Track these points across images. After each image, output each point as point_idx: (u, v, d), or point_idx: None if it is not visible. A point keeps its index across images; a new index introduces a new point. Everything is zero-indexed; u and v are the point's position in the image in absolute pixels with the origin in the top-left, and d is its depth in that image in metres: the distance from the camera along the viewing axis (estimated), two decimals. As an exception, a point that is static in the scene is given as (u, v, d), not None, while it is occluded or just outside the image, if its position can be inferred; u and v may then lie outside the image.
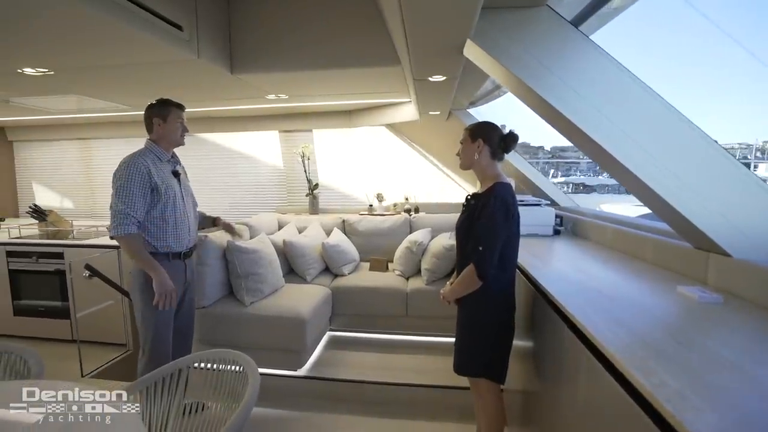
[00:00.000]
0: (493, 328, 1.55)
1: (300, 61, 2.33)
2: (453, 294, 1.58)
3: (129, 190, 1.69)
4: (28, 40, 1.80)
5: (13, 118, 4.10)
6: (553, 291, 1.33)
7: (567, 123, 1.46)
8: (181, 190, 1.91)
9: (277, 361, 2.34)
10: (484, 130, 1.54)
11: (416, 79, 1.93)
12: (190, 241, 1.95)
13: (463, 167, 1.60)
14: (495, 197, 1.44)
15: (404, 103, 3.49)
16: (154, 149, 1.85)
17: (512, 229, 1.47)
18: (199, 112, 3.75)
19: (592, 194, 7.88)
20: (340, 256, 3.07)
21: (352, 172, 4.17)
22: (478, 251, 1.43)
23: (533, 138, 4.15)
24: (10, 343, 1.48)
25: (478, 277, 1.43)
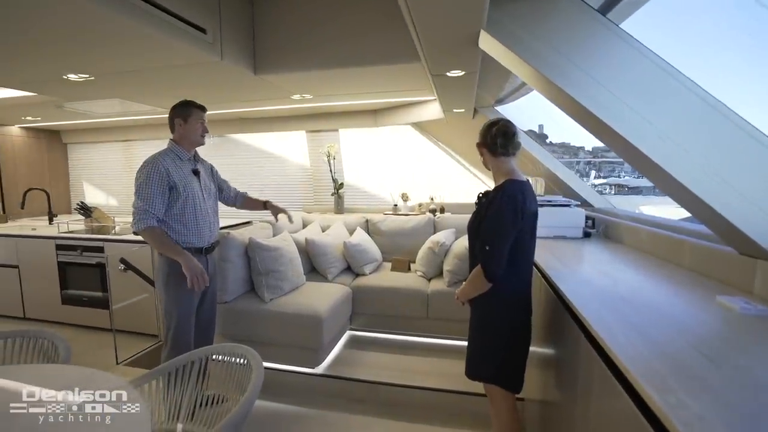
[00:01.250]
0: (504, 331, 1.48)
1: (321, 60, 2.34)
2: (464, 294, 1.54)
3: (148, 189, 1.79)
4: (70, 49, 1.93)
5: (66, 122, 4.43)
6: (570, 295, 1.24)
7: (594, 120, 1.35)
8: (201, 188, 1.97)
9: (295, 358, 2.37)
10: (481, 134, 1.54)
11: (434, 75, 1.88)
12: (211, 236, 2.01)
13: (486, 167, 1.61)
14: (503, 194, 1.39)
15: (429, 101, 3.43)
16: (175, 149, 1.93)
17: (523, 227, 1.41)
18: (230, 114, 3.88)
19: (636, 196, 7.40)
20: (362, 255, 3.06)
21: (378, 171, 4.16)
22: (485, 251, 1.39)
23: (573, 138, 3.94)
24: (45, 329, 1.58)
25: (486, 278, 1.39)
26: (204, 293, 2.03)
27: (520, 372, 1.51)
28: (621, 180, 8.48)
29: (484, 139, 1.52)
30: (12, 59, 2.08)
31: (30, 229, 3.69)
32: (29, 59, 2.09)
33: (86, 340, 3.14)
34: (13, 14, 1.56)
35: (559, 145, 5.45)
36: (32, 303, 3.56)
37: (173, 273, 1.86)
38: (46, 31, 1.71)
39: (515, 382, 1.50)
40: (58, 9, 1.48)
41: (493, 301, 1.47)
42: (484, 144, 1.51)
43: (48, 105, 3.41)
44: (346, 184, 4.09)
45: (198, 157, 2.06)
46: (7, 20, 1.62)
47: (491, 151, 1.50)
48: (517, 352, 1.50)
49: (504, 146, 1.48)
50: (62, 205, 4.94)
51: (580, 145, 8.04)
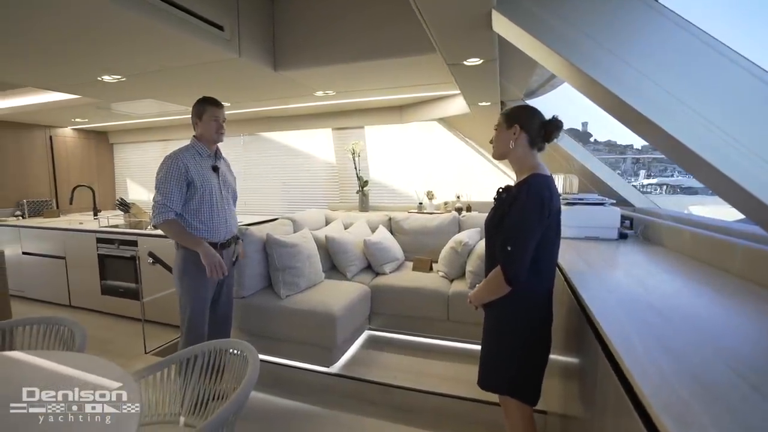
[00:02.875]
0: (522, 340, 1.35)
1: (341, 55, 2.31)
2: (478, 298, 1.41)
3: (167, 184, 1.84)
4: (101, 50, 2.02)
5: (112, 123, 4.71)
6: (591, 302, 1.11)
7: (627, 109, 1.20)
8: (219, 184, 2.00)
9: (310, 356, 2.34)
10: (521, 115, 1.35)
11: (450, 64, 1.78)
12: (227, 232, 2.03)
13: (497, 157, 1.42)
14: (529, 190, 1.26)
15: (455, 95, 3.30)
16: (196, 146, 1.97)
17: (549, 226, 1.28)
18: (258, 112, 3.95)
19: (688, 196, 6.77)
20: (382, 253, 2.99)
21: (404, 169, 4.08)
22: (506, 251, 1.26)
23: (620, 135, 3.63)
24: (66, 317, 1.64)
25: (506, 282, 1.26)
26: (220, 288, 2.06)
27: (537, 384, 1.38)
28: (673, 180, 7.83)
29: (527, 124, 1.33)
30: (48, 62, 2.20)
31: (78, 223, 3.95)
32: (64, 62, 2.20)
33: (120, 328, 3.30)
34: (46, 19, 1.65)
35: (605, 143, 5.10)
36: (77, 292, 3.81)
37: (189, 265, 1.91)
38: (77, 33, 1.79)
39: (532, 394, 1.37)
40: (85, 12, 1.55)
41: (511, 306, 1.34)
42: (527, 130, 1.33)
43: (92, 107, 3.62)
44: (371, 181, 4.05)
45: (219, 154, 2.08)
46: (42, 25, 1.72)
47: (531, 140, 1.33)
48: (534, 362, 1.37)
49: (547, 139, 1.35)
50: (108, 201, 5.26)
51: (628, 143, 7.49)
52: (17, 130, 4.50)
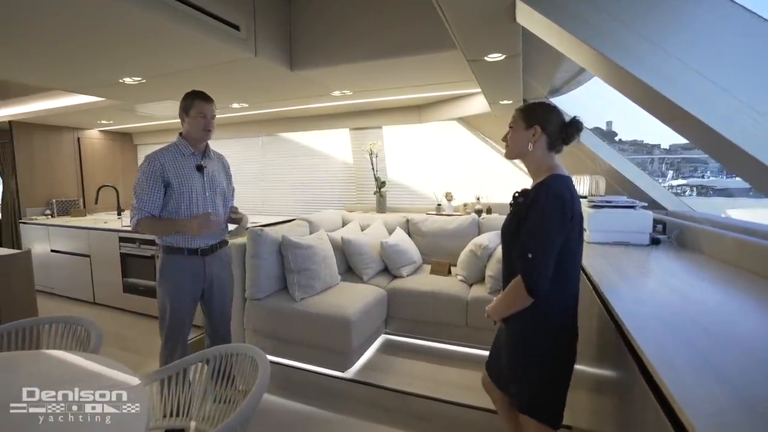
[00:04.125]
0: (545, 357, 1.25)
1: (358, 53, 2.27)
2: (497, 312, 1.30)
3: (141, 187, 1.77)
4: (121, 53, 2.03)
5: (135, 125, 4.82)
6: (624, 315, 1.01)
7: (665, 103, 1.09)
8: (204, 185, 1.88)
9: (324, 360, 2.30)
10: (542, 115, 1.26)
11: (470, 60, 1.70)
12: (211, 236, 1.89)
13: (511, 157, 1.33)
14: (548, 192, 1.17)
15: (475, 94, 3.21)
16: (179, 144, 1.87)
17: (571, 231, 1.19)
18: (276, 113, 3.96)
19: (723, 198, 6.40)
20: (399, 256, 2.93)
21: (422, 169, 4.00)
22: (526, 259, 1.16)
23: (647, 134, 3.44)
24: (83, 317, 1.65)
25: (528, 292, 1.16)
26: (211, 303, 1.95)
27: (560, 404, 1.27)
28: (705, 181, 7.43)
29: (548, 126, 1.24)
30: (70, 65, 2.24)
31: (102, 223, 4.05)
32: (86, 65, 2.23)
33: (141, 326, 3.35)
34: (69, 22, 1.66)
35: (630, 143, 4.92)
36: (100, 289, 3.90)
37: (168, 268, 1.83)
38: (97, 35, 1.80)
39: (554, 416, 1.26)
40: (105, 13, 1.56)
41: (533, 319, 1.23)
42: (547, 132, 1.24)
43: (116, 109, 3.70)
44: (389, 182, 3.99)
45: (209, 152, 1.96)
46: (65, 28, 1.74)
47: (551, 143, 1.25)
48: (557, 381, 1.26)
49: (567, 142, 1.27)
50: (131, 200, 5.39)
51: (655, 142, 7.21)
52: (48, 132, 4.66)
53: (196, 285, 1.87)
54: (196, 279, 1.87)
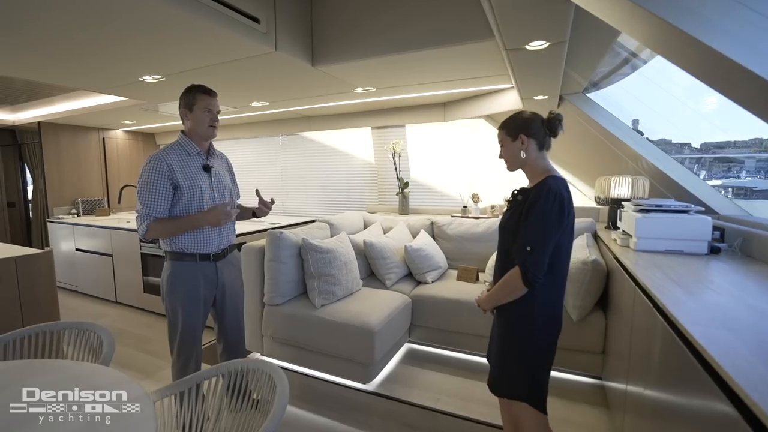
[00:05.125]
0: (538, 346, 1.35)
1: (383, 46, 2.14)
2: (491, 301, 1.39)
3: (147, 190, 1.64)
4: (140, 49, 1.97)
5: (157, 125, 4.84)
6: (708, 344, 0.84)
7: (744, 75, 0.91)
8: (211, 186, 1.77)
9: (345, 371, 2.18)
10: (521, 123, 1.37)
11: (509, 49, 1.54)
12: (221, 242, 1.79)
13: (512, 169, 1.44)
14: (548, 191, 1.26)
15: (505, 89, 3.03)
16: (183, 143, 1.74)
17: (565, 230, 1.30)
18: (297, 111, 3.87)
19: (766, 201, 5.94)
20: (424, 261, 2.78)
21: (447, 170, 3.84)
22: (525, 252, 1.25)
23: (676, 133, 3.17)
24: (94, 324, 1.58)
25: (525, 283, 1.26)
26: (223, 311, 1.85)
27: (545, 391, 1.40)
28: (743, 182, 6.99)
29: (531, 129, 1.35)
30: (90, 63, 2.19)
31: (125, 222, 4.06)
32: (107, 62, 2.19)
33: (160, 327, 3.32)
34: (89, 19, 1.62)
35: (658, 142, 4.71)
36: (122, 289, 3.91)
37: (179, 275, 1.70)
38: (116, 31, 1.75)
39: (543, 402, 1.38)
40: (123, 8, 1.49)
41: (525, 311, 1.33)
42: (533, 135, 1.35)
43: (138, 108, 3.69)
44: (412, 182, 3.84)
45: (213, 151, 1.85)
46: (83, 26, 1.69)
47: (539, 143, 1.36)
48: (546, 368, 1.40)
49: (554, 134, 1.38)
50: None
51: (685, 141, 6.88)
52: (74, 132, 4.73)
53: (208, 292, 1.77)
54: (209, 286, 1.77)
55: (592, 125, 2.73)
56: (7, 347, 1.51)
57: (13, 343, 1.53)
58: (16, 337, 1.54)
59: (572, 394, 2.14)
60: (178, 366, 1.75)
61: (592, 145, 2.88)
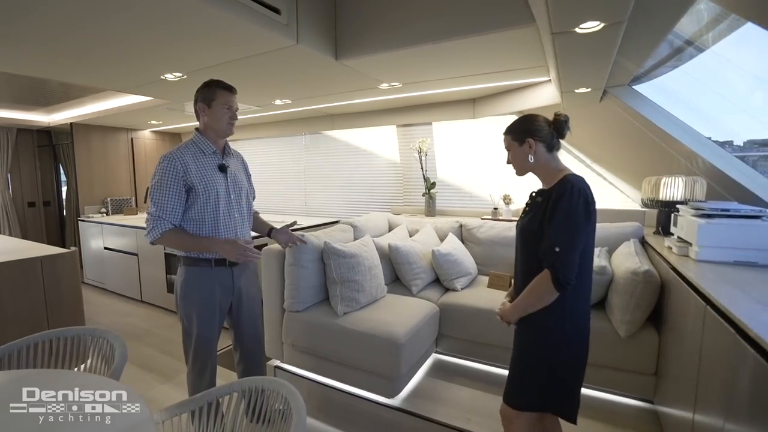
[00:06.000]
0: (566, 356, 1.27)
1: (410, 37, 2.00)
2: (517, 311, 1.30)
3: (161, 191, 1.54)
4: (161, 44, 1.91)
5: (183, 125, 4.86)
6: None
7: None
8: (227, 187, 1.67)
9: (369, 384, 2.04)
10: (527, 127, 1.34)
11: (556, 33, 1.36)
12: None
13: (521, 174, 1.40)
14: (572, 188, 1.20)
15: (540, 83, 2.83)
16: (198, 141, 1.64)
17: (589, 230, 1.24)
18: (319, 110, 3.77)
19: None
20: (453, 267, 2.61)
21: (476, 169, 3.64)
22: (554, 253, 1.18)
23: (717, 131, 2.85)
24: (107, 331, 1.51)
25: (556, 286, 1.19)
26: (240, 318, 1.76)
27: (577, 398, 1.32)
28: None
29: (537, 132, 1.31)
30: (113, 62, 2.15)
31: (150, 222, 4.08)
32: (129, 61, 2.14)
33: (182, 329, 3.29)
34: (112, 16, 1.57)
35: None
36: (147, 288, 3.93)
37: (194, 281, 1.62)
38: (138, 27, 1.69)
39: (571, 409, 1.31)
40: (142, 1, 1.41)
41: (552, 319, 1.25)
42: (540, 137, 1.31)
43: (163, 108, 3.69)
44: (439, 182, 3.67)
45: (228, 150, 1.75)
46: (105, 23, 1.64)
47: (547, 145, 1.32)
48: (577, 379, 1.32)
49: (561, 135, 1.34)
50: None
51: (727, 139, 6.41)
52: (104, 133, 4.82)
53: (224, 299, 1.68)
54: (225, 292, 1.68)
55: (638, 120, 2.49)
56: (21, 353, 1.46)
57: (27, 349, 1.48)
58: (30, 343, 1.48)
59: (619, 418, 1.92)
60: (193, 375, 1.67)
61: (637, 142, 2.63)
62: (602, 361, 1.99)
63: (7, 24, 1.63)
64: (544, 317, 1.26)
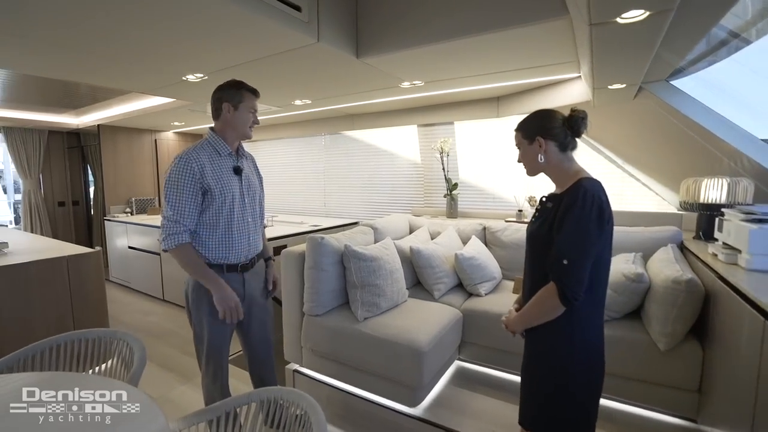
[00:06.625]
0: (579, 377, 1.17)
1: (435, 33, 1.92)
2: (521, 322, 1.24)
3: (179, 194, 1.47)
4: (182, 45, 1.91)
5: (206, 126, 4.91)
6: None
7: None
8: (242, 190, 1.61)
9: (391, 392, 1.98)
10: (538, 124, 1.25)
11: (594, 24, 1.26)
12: (250, 250, 1.65)
13: (531, 174, 1.31)
14: (584, 194, 1.10)
15: (568, 80, 2.70)
16: (214, 141, 1.57)
17: (605, 239, 1.14)
18: (339, 110, 3.73)
19: None
20: (476, 271, 2.52)
21: (500, 170, 3.53)
22: (562, 266, 1.10)
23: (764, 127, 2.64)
24: (128, 333, 1.50)
25: (562, 301, 1.11)
26: (250, 323, 1.70)
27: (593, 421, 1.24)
28: None
29: (549, 130, 1.21)
30: (135, 63, 2.16)
31: (173, 222, 4.13)
32: (151, 61, 2.14)
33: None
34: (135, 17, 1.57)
35: None
36: (169, 287, 3.98)
37: (203, 290, 1.55)
38: (161, 27, 1.69)
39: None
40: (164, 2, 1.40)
41: (563, 336, 1.17)
42: (552, 135, 1.21)
43: (185, 110, 3.73)
44: (461, 183, 3.58)
45: (242, 151, 1.68)
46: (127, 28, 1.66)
47: (560, 144, 1.22)
48: (593, 394, 1.22)
49: (577, 134, 1.22)
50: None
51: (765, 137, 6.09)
52: (130, 134, 4.92)
53: None
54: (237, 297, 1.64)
55: (676, 118, 2.34)
56: (43, 354, 1.46)
57: (50, 350, 1.48)
58: (52, 344, 1.48)
59: (658, 437, 1.80)
60: (207, 379, 1.64)
61: (675, 141, 2.47)
62: (639, 374, 1.86)
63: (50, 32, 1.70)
64: (550, 331, 1.18)
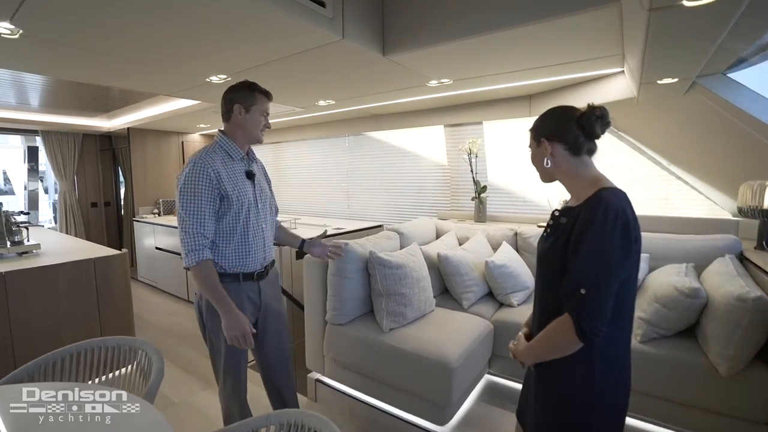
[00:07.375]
0: (600, 415, 1.00)
1: (468, 27, 1.80)
2: (533, 355, 1.07)
3: (196, 202, 1.36)
4: (206, 45, 1.87)
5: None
6: None
7: None
8: (255, 196, 1.53)
9: (417, 408, 1.87)
10: (545, 124, 1.10)
11: (654, 9, 1.11)
12: (265, 258, 1.56)
13: (545, 181, 1.15)
14: (606, 209, 0.92)
15: (609, 75, 2.50)
16: (226, 145, 1.48)
17: (635, 261, 0.96)
18: (364, 110, 3.64)
19: None
20: (508, 280, 2.37)
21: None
22: (579, 296, 0.92)
23: None
24: (147, 343, 1.45)
25: (579, 337, 0.93)
26: (265, 333, 1.60)
27: None
28: None
29: (558, 131, 1.05)
30: (160, 66, 2.15)
31: (198, 223, 4.16)
32: (176, 64, 2.12)
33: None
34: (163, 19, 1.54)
35: None
36: (193, 289, 3.99)
37: None
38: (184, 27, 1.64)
39: None
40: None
41: (579, 368, 0.99)
42: (560, 137, 1.04)
43: (209, 112, 3.74)
44: (490, 186, 3.42)
45: (252, 155, 1.60)
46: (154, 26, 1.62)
47: (571, 147, 1.04)
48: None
49: (592, 135, 1.02)
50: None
51: None
52: (158, 137, 5.01)
53: (252, 316, 1.54)
54: (253, 308, 1.54)
55: (734, 115, 2.12)
56: (64, 362, 1.43)
57: (70, 357, 1.45)
58: (72, 351, 1.45)
59: (718, 472, 1.60)
60: (226, 393, 1.57)
61: (732, 140, 2.24)
62: (695, 401, 1.68)
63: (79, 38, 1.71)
64: (567, 370, 1.00)
